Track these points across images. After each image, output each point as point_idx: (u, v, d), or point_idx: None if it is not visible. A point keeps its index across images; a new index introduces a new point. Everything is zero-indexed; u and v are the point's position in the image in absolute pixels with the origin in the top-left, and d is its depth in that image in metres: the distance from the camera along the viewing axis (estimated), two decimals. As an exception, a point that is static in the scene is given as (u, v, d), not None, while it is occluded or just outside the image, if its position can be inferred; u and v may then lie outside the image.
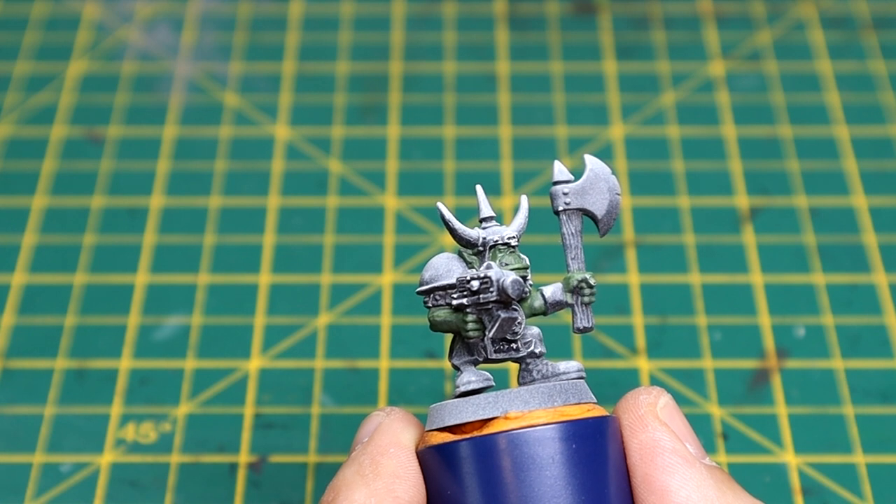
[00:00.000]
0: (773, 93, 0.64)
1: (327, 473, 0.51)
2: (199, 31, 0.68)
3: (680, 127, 0.63)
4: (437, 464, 0.38)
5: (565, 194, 0.40)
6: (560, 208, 0.40)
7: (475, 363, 0.40)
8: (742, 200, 0.60)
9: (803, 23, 0.68)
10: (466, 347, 0.40)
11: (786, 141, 0.62)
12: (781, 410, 0.53)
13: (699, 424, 0.52)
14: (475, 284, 0.38)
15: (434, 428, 0.39)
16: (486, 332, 0.39)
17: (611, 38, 0.67)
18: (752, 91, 0.65)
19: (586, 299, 0.39)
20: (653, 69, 0.66)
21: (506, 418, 0.37)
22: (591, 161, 0.40)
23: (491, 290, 0.38)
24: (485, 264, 0.39)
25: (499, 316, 0.38)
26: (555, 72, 0.66)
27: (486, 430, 0.37)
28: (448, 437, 0.38)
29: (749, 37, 0.67)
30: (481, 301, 0.38)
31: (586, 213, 0.40)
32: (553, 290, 0.39)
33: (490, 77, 0.66)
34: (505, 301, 0.38)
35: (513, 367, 0.53)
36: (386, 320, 0.56)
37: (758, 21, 0.68)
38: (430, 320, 0.40)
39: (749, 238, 0.58)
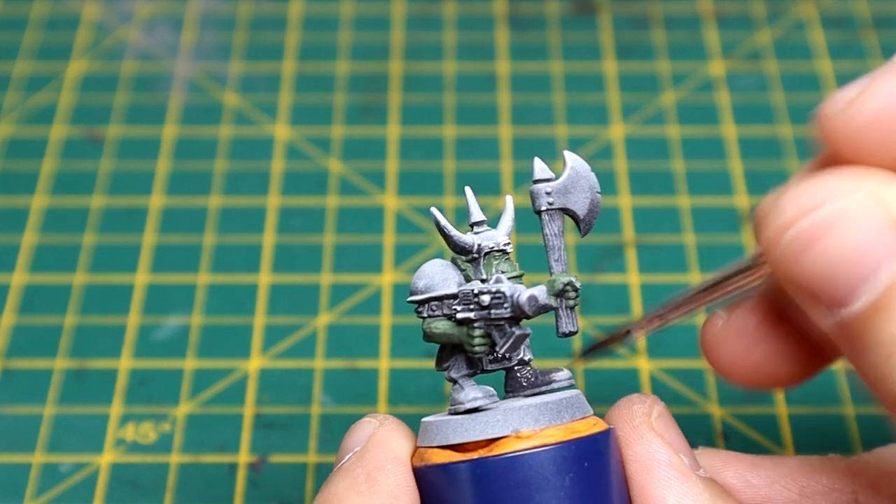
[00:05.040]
0: (773, 93, 0.64)
1: (327, 473, 0.51)
2: (199, 31, 0.68)
3: (680, 127, 0.63)
4: (441, 484, 0.37)
5: (548, 193, 0.38)
6: (542, 208, 0.38)
7: (473, 375, 0.39)
8: (742, 200, 0.60)
9: (803, 23, 0.68)
10: (466, 360, 0.39)
11: (786, 141, 0.62)
12: (781, 410, 0.53)
13: (699, 424, 0.52)
14: (486, 299, 0.37)
15: (434, 445, 0.37)
16: (498, 348, 0.37)
17: (611, 38, 0.67)
18: (752, 91, 0.65)
19: (571, 303, 0.37)
20: (653, 69, 0.66)
21: (517, 437, 0.36)
22: (571, 158, 0.38)
23: (505, 305, 0.37)
24: (494, 277, 0.38)
25: (513, 333, 0.37)
26: (555, 72, 0.66)
27: (497, 450, 0.36)
28: (454, 457, 0.37)
29: (749, 37, 0.67)
30: (492, 316, 0.37)
31: (568, 213, 0.38)
32: (537, 293, 0.37)
33: (490, 77, 0.66)
34: (518, 317, 0.37)
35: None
36: (386, 320, 0.56)
37: (758, 21, 0.68)
38: (426, 331, 0.38)
39: (749, 238, 0.58)
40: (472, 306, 0.37)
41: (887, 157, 0.33)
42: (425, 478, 0.37)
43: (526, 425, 0.36)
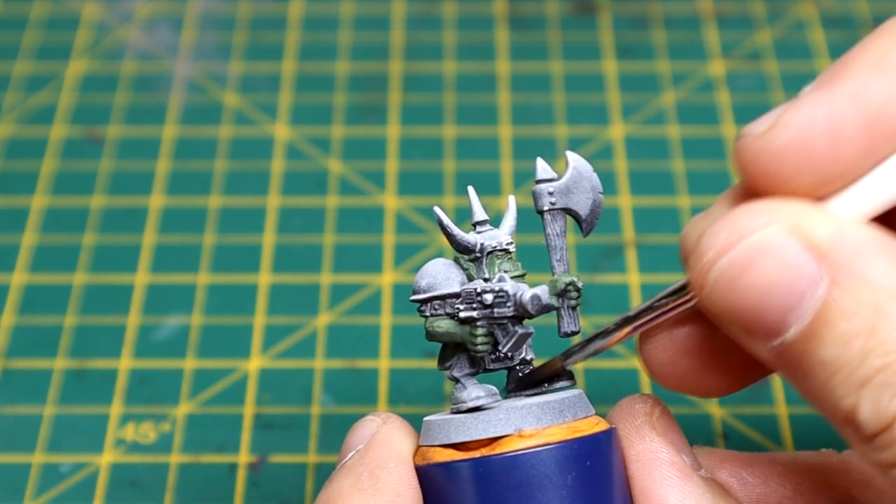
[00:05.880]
0: (773, 93, 0.64)
1: (327, 473, 0.51)
2: (199, 31, 0.68)
3: (680, 127, 0.63)
4: (443, 482, 0.37)
5: (550, 193, 0.38)
6: (545, 208, 0.38)
7: (475, 374, 0.39)
8: (742, 200, 0.60)
9: (803, 23, 0.68)
10: (469, 359, 0.39)
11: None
12: (781, 410, 0.53)
13: (699, 424, 0.52)
14: (489, 298, 0.37)
15: (436, 443, 0.37)
16: (500, 347, 0.37)
17: (611, 38, 0.67)
18: (752, 91, 0.65)
19: (573, 303, 0.37)
20: (653, 69, 0.66)
21: (520, 436, 0.36)
22: (573, 158, 0.38)
23: (508, 304, 0.37)
24: (496, 276, 0.38)
25: (515, 332, 0.37)
26: (555, 72, 0.66)
27: (500, 449, 0.36)
28: (456, 455, 0.37)
29: (749, 37, 0.67)
30: (495, 315, 0.37)
31: (570, 213, 0.38)
32: (540, 293, 0.37)
33: (490, 77, 0.66)
34: (521, 316, 0.37)
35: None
36: (386, 320, 0.56)
37: (758, 21, 0.68)
38: (428, 330, 0.38)
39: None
40: (474, 305, 0.37)
41: (801, 186, 0.34)
42: (428, 476, 0.37)
43: (528, 424, 0.36)
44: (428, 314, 0.38)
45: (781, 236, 0.33)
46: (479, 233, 0.38)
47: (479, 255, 0.38)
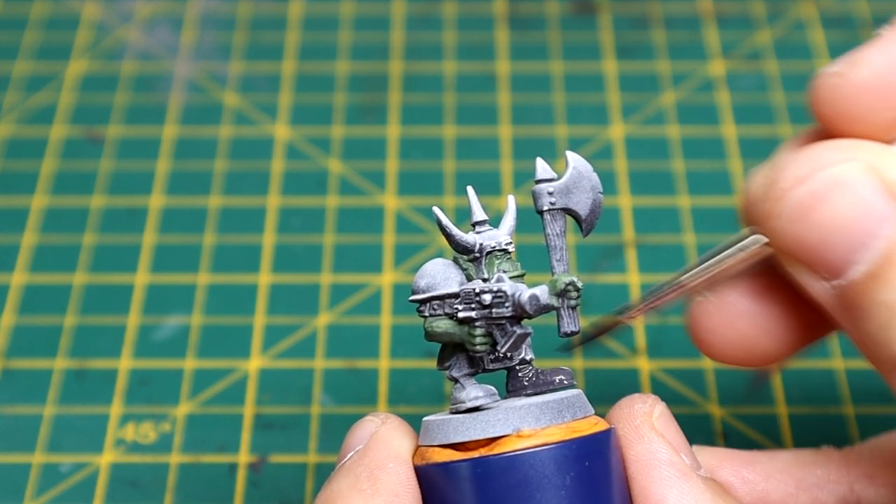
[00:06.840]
0: (773, 93, 0.64)
1: (327, 473, 0.51)
2: (199, 31, 0.68)
3: (680, 127, 0.63)
4: (442, 482, 0.37)
5: (550, 193, 0.38)
6: (545, 208, 0.38)
7: (474, 374, 0.39)
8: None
9: (803, 23, 0.68)
10: (468, 359, 0.39)
11: (786, 141, 0.62)
12: (781, 410, 0.53)
13: (699, 424, 0.52)
14: (487, 298, 0.37)
15: (435, 444, 0.37)
16: (499, 347, 0.37)
17: (611, 38, 0.67)
18: (752, 91, 0.65)
19: (573, 303, 0.37)
20: (653, 69, 0.66)
21: (518, 436, 0.36)
22: (573, 158, 0.38)
23: (506, 304, 0.37)
24: (495, 276, 0.38)
25: (514, 332, 0.37)
26: (555, 72, 0.66)
27: (498, 449, 0.36)
28: (455, 455, 0.37)
29: (749, 37, 0.67)
30: (494, 315, 0.37)
31: (570, 213, 0.38)
32: (539, 293, 0.37)
33: (490, 77, 0.66)
34: (520, 317, 0.37)
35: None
36: (386, 320, 0.56)
37: (758, 21, 0.68)
38: (427, 330, 0.38)
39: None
40: (473, 305, 0.37)
41: (877, 124, 0.34)
42: (426, 476, 0.37)
43: (527, 424, 0.36)
44: (427, 314, 0.38)
45: (859, 173, 0.33)
46: (478, 233, 0.38)
47: (477, 255, 0.38)
